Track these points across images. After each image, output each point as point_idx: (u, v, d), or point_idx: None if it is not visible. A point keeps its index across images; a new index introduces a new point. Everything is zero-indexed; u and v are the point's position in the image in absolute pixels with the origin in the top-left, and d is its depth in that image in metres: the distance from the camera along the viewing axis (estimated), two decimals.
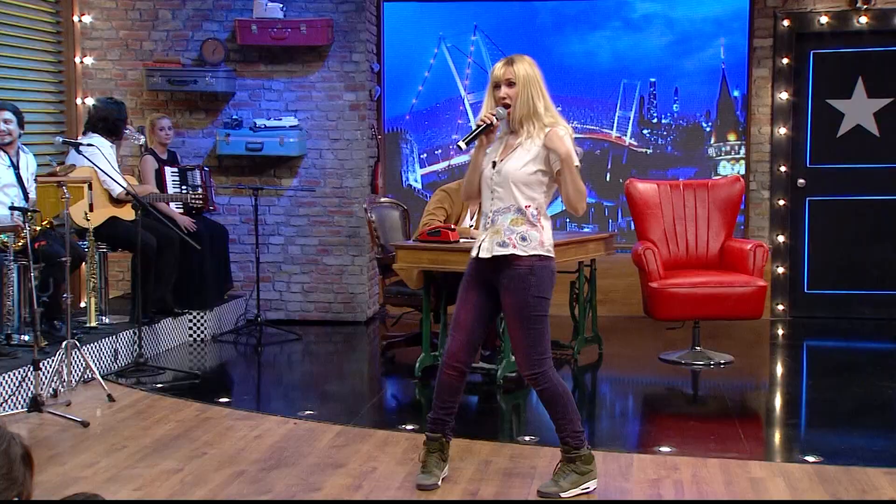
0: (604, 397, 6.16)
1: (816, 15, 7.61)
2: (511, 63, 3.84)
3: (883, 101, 7.68)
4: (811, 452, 4.49)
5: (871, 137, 7.73)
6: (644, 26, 7.98)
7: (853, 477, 4.11)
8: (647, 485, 4.11)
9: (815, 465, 4.31)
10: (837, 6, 7.59)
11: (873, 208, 7.80)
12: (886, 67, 7.66)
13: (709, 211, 6.83)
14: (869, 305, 7.83)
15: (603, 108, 8.07)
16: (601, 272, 7.07)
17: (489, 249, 3.88)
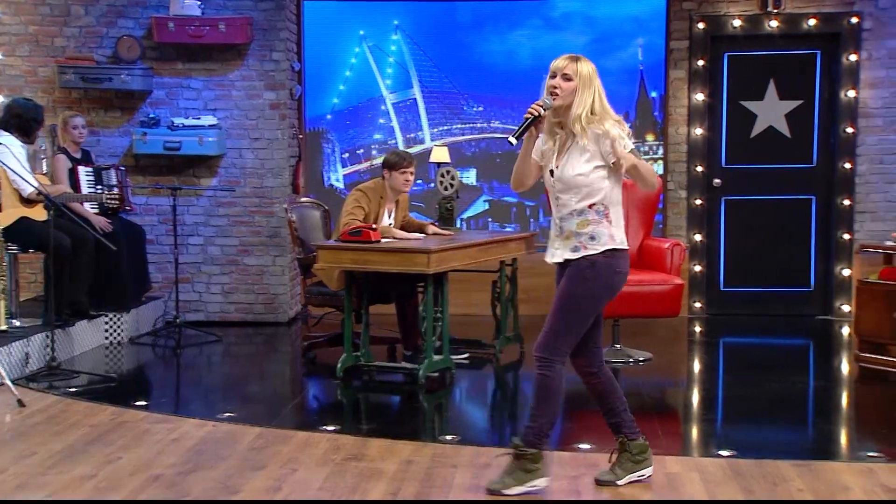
0: (525, 396, 6.17)
1: (730, 18, 7.77)
2: (576, 60, 3.91)
3: (793, 102, 7.88)
4: (726, 447, 4.58)
5: (782, 138, 7.93)
6: (564, 25, 8.05)
7: (765, 470, 4.20)
8: (567, 482, 4.14)
9: (728, 459, 4.40)
10: (749, 10, 7.76)
11: (785, 207, 7.99)
12: (796, 70, 7.86)
13: (627, 210, 6.88)
14: (782, 302, 8.02)
15: (523, 108, 8.00)
16: (523, 271, 7.11)
17: (562, 255, 3.96)
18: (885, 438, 4.85)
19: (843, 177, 7.77)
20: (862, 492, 3.95)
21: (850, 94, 7.67)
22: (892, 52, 7.62)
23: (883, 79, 7.65)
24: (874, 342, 6.32)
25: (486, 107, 8.13)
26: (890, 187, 7.74)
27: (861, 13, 7.61)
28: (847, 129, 7.72)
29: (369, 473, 4.18)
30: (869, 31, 7.62)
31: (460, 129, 8.19)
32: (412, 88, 8.17)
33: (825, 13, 7.66)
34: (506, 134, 8.08)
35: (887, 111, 7.65)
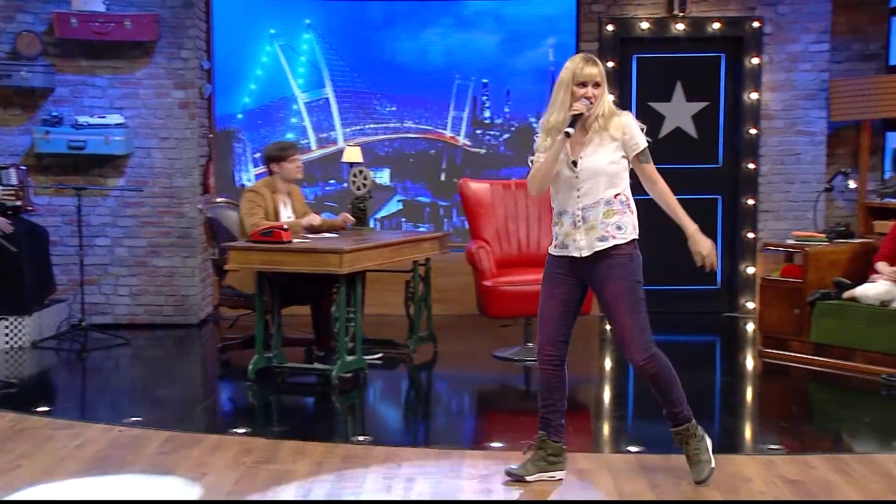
0: (438, 395, 6.21)
1: (638, 21, 7.91)
2: (595, 64, 3.97)
3: (700, 104, 8.05)
4: (634, 443, 4.66)
5: (689, 139, 8.10)
6: (476, 23, 8.08)
7: (671, 464, 4.28)
8: (479, 480, 4.16)
9: (637, 454, 4.48)
10: (657, 13, 7.91)
11: (693, 207, 8.07)
12: (702, 72, 8.04)
13: (540, 210, 6.99)
14: (690, 299, 8.19)
15: (437, 108, 8.13)
16: (436, 271, 7.12)
17: (589, 247, 3.97)
18: (785, 431, 5.00)
19: (747, 177, 7.98)
20: (762, 483, 4.06)
21: (753, 96, 7.87)
22: (791, 55, 7.84)
23: (783, 82, 7.87)
24: (777, 338, 6.51)
25: (399, 106, 8.13)
26: (791, 187, 7.97)
27: (762, 18, 7.81)
28: (750, 131, 7.92)
29: (280, 476, 4.14)
30: (769, 35, 7.84)
31: (373, 129, 8.17)
32: (324, 88, 8.12)
33: (728, 17, 7.85)
34: (419, 134, 8.14)
35: (787, 113, 7.88)
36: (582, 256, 3.99)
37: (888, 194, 7.32)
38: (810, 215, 7.66)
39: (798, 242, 6.73)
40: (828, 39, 7.80)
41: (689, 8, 7.83)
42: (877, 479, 4.09)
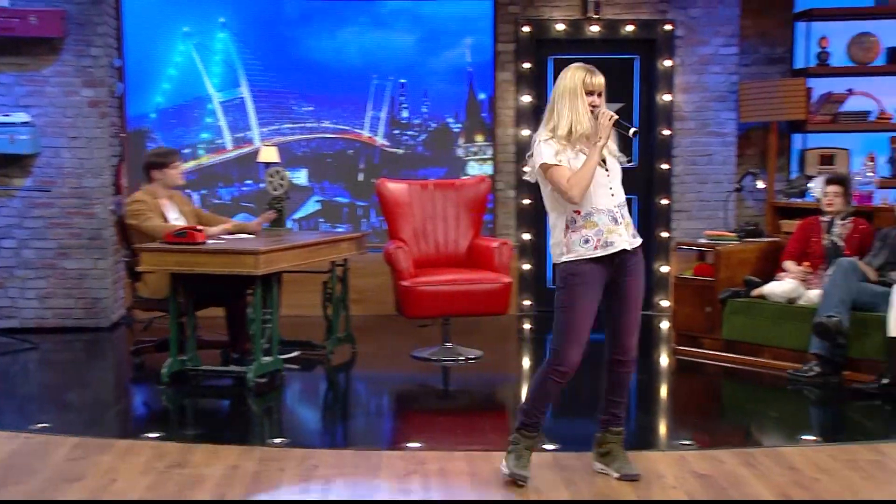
0: (357, 396, 6.18)
1: (553, 22, 7.98)
2: (600, 74, 4.15)
3: (615, 105, 8.14)
4: (551, 441, 4.70)
5: None
6: (392, 22, 8.06)
7: (586, 462, 4.33)
8: (396, 480, 4.15)
9: (553, 452, 4.52)
10: (571, 15, 8.00)
11: None
12: (617, 74, 8.14)
13: (458, 210, 7.01)
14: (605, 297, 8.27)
15: (354, 108, 8.09)
16: (355, 271, 7.09)
17: (630, 242, 4.05)
18: (697, 427, 5.09)
19: (661, 177, 8.11)
20: (674, 479, 4.13)
21: (666, 97, 8.02)
22: (702, 58, 8.00)
23: (694, 84, 8.03)
24: (690, 335, 6.64)
25: (316, 106, 8.07)
26: (703, 187, 8.13)
27: (674, 21, 7.96)
28: (664, 132, 8.06)
29: (193, 480, 4.07)
30: (681, 38, 7.99)
31: (290, 129, 8.09)
32: (240, 87, 8.01)
33: (641, 20, 7.98)
34: (336, 134, 8.10)
35: (698, 115, 8.03)
36: (632, 249, 4.05)
37: (794, 194, 7.52)
38: (722, 215, 7.82)
39: (709, 241, 6.87)
40: (737, 43, 7.98)
41: (604, 10, 7.93)
42: (782, 472, 4.19)
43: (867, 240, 6.21)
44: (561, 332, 4.02)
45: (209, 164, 8.04)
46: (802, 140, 8.03)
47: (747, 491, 3.98)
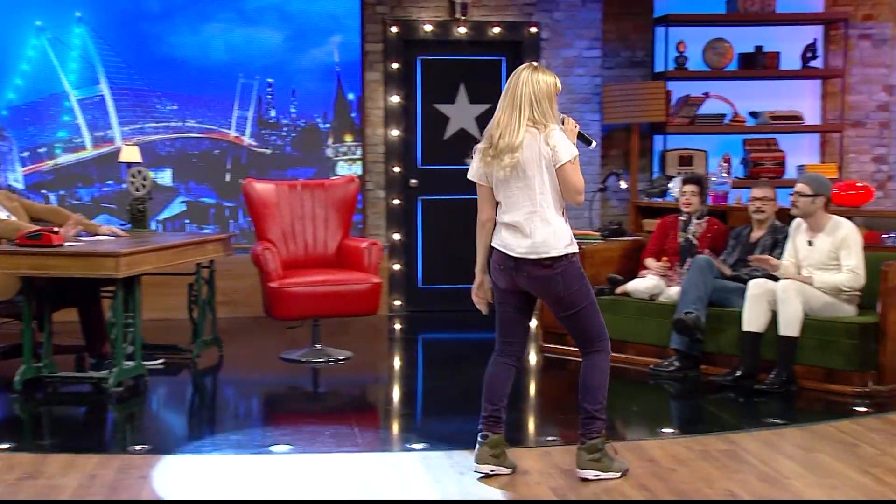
0: (223, 400, 6.06)
1: (421, 23, 8.02)
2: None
3: (483, 106, 8.24)
4: (419, 441, 4.72)
5: (474, 140, 8.19)
6: (259, 19, 7.93)
7: (453, 460, 4.36)
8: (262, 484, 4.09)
9: (421, 452, 4.53)
10: (439, 16, 8.05)
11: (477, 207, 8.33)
12: (484, 75, 8.24)
13: (326, 210, 6.96)
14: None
15: (220, 107, 7.94)
16: (222, 273, 6.96)
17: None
18: (562, 423, 5.19)
19: None
20: (538, 474, 4.20)
21: None
22: (567, 60, 8.18)
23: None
24: (557, 332, 6.75)
25: (180, 105, 7.88)
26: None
27: (539, 23, 8.10)
28: None
29: (47, 491, 3.92)
30: (546, 40, 8.14)
31: (154, 129, 7.88)
32: (99, 85, 7.76)
33: (508, 22, 8.09)
34: (202, 133, 7.93)
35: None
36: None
37: (655, 194, 7.75)
38: (587, 214, 8.00)
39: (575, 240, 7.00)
40: (599, 46, 8.19)
41: (471, 12, 8.01)
42: (641, 464, 4.31)
43: (720, 239, 6.45)
44: (598, 327, 4.20)
45: (67, 164, 7.76)
46: (663, 141, 8.29)
47: (608, 484, 4.07)
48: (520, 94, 4.07)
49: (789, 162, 8.31)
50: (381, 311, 7.06)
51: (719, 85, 8.32)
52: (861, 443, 4.60)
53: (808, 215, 5.77)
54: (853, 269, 5.63)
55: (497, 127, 4.08)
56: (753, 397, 5.53)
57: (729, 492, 3.96)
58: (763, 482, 4.07)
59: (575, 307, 4.09)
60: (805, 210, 5.76)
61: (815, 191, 5.73)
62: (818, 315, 5.64)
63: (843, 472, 4.20)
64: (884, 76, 8.58)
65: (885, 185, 8.64)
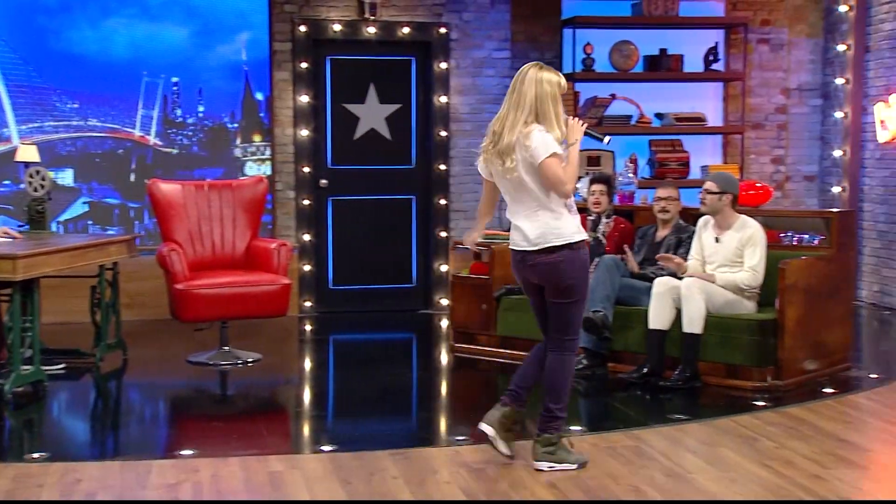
0: (128, 404, 5.93)
1: (330, 23, 7.97)
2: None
3: (393, 106, 8.24)
4: (329, 442, 4.69)
5: (384, 140, 8.26)
6: (163, 14, 7.76)
7: (363, 461, 4.34)
8: (165, 490, 4.02)
9: (330, 453, 4.50)
10: (348, 16, 8.01)
11: (389, 207, 8.34)
12: (394, 75, 8.24)
13: (234, 211, 6.86)
14: (387, 298, 8.36)
15: (124, 106, 7.76)
16: (127, 275, 6.82)
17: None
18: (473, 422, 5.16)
19: (438, 178, 8.26)
20: (448, 473, 4.21)
21: (443, 99, 8.17)
22: (476, 61, 8.22)
23: (470, 86, 8.23)
24: (467, 332, 6.79)
25: (81, 103, 7.68)
26: (479, 187, 8.24)
27: (448, 24, 8.12)
28: (441, 133, 8.21)
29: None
30: (456, 41, 8.17)
31: (53, 127, 7.66)
32: None
33: (417, 22, 8.09)
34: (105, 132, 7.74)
35: (474, 116, 8.23)
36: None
37: None
38: (497, 214, 8.03)
39: (485, 241, 7.03)
40: (508, 47, 8.25)
41: (380, 12, 7.99)
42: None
43: (627, 237, 6.56)
44: (579, 321, 4.27)
45: None
46: None
47: (517, 482, 4.10)
48: (524, 92, 4.18)
49: (693, 162, 8.49)
50: (290, 312, 7.02)
51: (626, 86, 8.46)
52: (760, 437, 4.73)
53: (716, 212, 5.91)
54: (753, 267, 5.79)
55: (500, 123, 4.23)
56: (659, 394, 5.63)
57: (634, 487, 4.03)
58: (667, 477, 4.15)
59: (571, 297, 4.19)
60: (712, 207, 5.90)
61: (722, 188, 5.87)
62: (720, 312, 5.77)
63: (743, 465, 4.31)
64: (781, 79, 8.84)
65: (783, 185, 8.91)
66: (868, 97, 8.46)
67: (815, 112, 8.95)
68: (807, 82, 8.92)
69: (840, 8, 8.60)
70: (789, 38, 8.84)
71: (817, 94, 8.92)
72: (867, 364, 6.37)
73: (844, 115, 8.61)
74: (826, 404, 5.33)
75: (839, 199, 8.67)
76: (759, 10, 8.74)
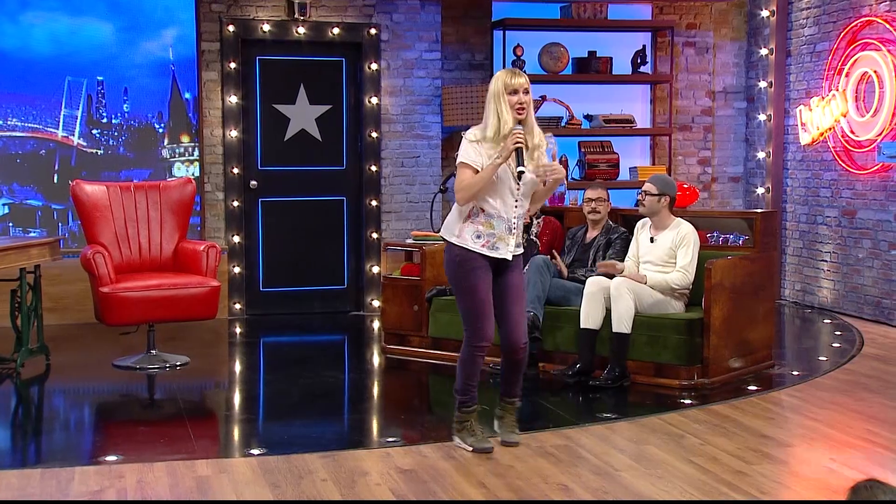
0: (52, 410, 5.80)
1: (259, 23, 7.89)
2: (522, 75, 4.33)
3: (323, 107, 8.19)
4: (258, 445, 4.65)
5: (314, 141, 8.21)
6: (86, 8, 7.61)
7: (292, 464, 4.31)
8: (88, 497, 3.93)
9: (259, 457, 4.46)
10: (277, 16, 7.94)
11: (319, 208, 8.29)
12: (325, 76, 8.19)
13: (161, 213, 6.76)
14: (318, 300, 8.31)
15: (47, 106, 7.60)
16: (51, 278, 6.70)
17: (510, 252, 4.40)
18: (404, 423, 5.21)
19: (370, 179, 8.23)
20: (378, 475, 4.19)
21: (374, 100, 8.15)
22: (407, 62, 8.21)
23: (401, 87, 8.22)
24: (399, 334, 6.78)
25: (1, 103, 7.49)
26: (411, 188, 8.34)
27: (379, 25, 8.11)
28: (372, 134, 8.19)
29: None
30: (386, 42, 8.15)
31: None
32: None
33: (347, 23, 8.06)
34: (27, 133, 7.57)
35: (406, 117, 8.23)
36: (510, 258, 4.41)
37: None
38: (428, 215, 8.05)
39: (416, 242, 7.04)
40: (439, 48, 8.26)
41: (310, 13, 7.94)
42: (480, 462, 4.37)
43: (558, 236, 6.61)
44: (470, 312, 4.41)
45: None
46: None
47: (447, 483, 4.11)
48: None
49: (623, 164, 8.59)
50: (220, 314, 6.94)
51: (556, 88, 8.53)
52: (686, 434, 4.80)
53: (654, 213, 6.00)
54: (684, 267, 5.88)
55: None
56: (588, 393, 5.69)
57: (563, 486, 4.06)
58: (596, 475, 4.19)
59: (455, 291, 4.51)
60: (651, 208, 5.98)
61: (661, 190, 5.97)
62: (649, 312, 5.85)
63: (669, 462, 4.37)
64: (707, 82, 9.00)
65: (710, 186, 9.07)
66: (790, 100, 8.65)
67: (740, 114, 9.13)
68: (731, 85, 9.10)
69: (762, 13, 8.79)
70: (715, 42, 9.00)
71: (742, 97, 9.11)
72: (790, 361, 6.51)
73: (768, 117, 8.80)
74: (750, 401, 5.44)
75: (763, 200, 8.85)
76: (684, 13, 8.89)
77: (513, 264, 4.47)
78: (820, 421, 5.06)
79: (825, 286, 8.26)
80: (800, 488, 4.10)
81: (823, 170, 8.25)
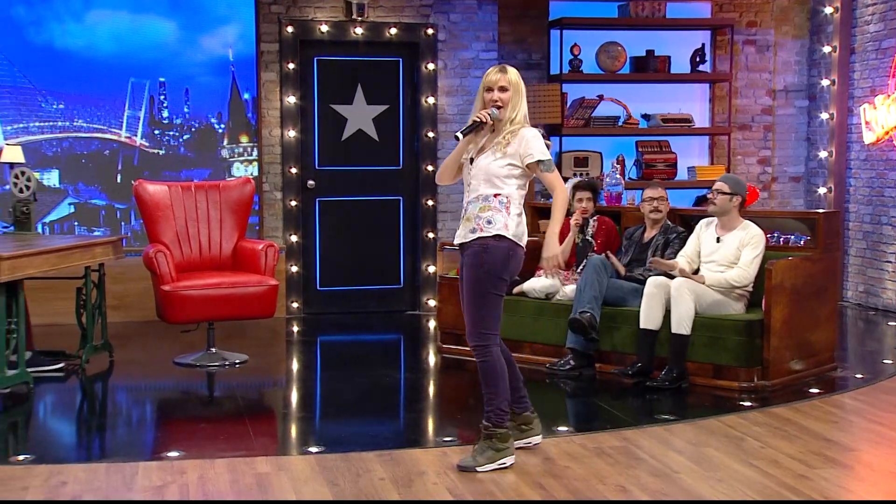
0: (114, 406, 5.90)
1: (318, 23, 7.96)
2: (504, 71, 4.32)
3: (380, 107, 8.23)
4: (316, 443, 4.68)
5: (371, 141, 8.25)
6: (148, 5, 7.73)
7: (350, 462, 4.34)
8: (152, 492, 4.01)
9: (317, 455, 4.49)
10: (336, 16, 8.00)
11: (376, 208, 8.33)
12: (381, 76, 8.23)
13: (221, 212, 6.85)
14: (374, 299, 8.35)
15: (111, 107, 7.73)
16: (114, 277, 6.81)
17: (462, 237, 4.29)
18: (460, 423, 5.21)
19: (426, 179, 8.25)
20: (434, 474, 4.21)
21: (430, 100, 8.16)
22: (464, 62, 8.22)
23: (457, 87, 8.23)
24: (455, 333, 6.78)
25: (67, 104, 7.65)
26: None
27: (436, 25, 8.12)
28: (429, 134, 8.21)
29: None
30: (443, 42, 8.17)
31: (39, 128, 7.63)
32: None
33: (405, 23, 8.09)
34: (91, 133, 7.72)
35: (462, 117, 8.22)
36: (458, 244, 4.33)
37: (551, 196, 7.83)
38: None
39: None
40: (496, 48, 8.25)
41: (368, 13, 7.98)
42: (537, 462, 4.36)
43: (612, 235, 6.57)
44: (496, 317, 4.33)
45: None
46: (559, 143, 8.40)
47: (505, 483, 4.11)
48: None
49: (681, 163, 8.51)
50: (278, 313, 7.01)
51: (613, 88, 8.47)
52: (746, 436, 4.74)
53: (724, 213, 5.94)
54: (745, 265, 5.81)
55: None
56: (646, 394, 5.64)
57: (621, 487, 4.04)
58: (654, 477, 4.16)
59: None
60: (722, 207, 5.93)
61: (733, 190, 5.92)
62: (708, 313, 5.78)
63: (729, 465, 4.32)
64: (767, 80, 8.87)
65: (769, 186, 8.94)
66: (854, 98, 8.50)
67: (802, 113, 8.98)
68: (793, 83, 8.96)
69: (826, 10, 8.64)
70: (775, 40, 8.87)
71: (803, 96, 8.96)
72: (853, 364, 6.40)
73: (830, 116, 8.65)
74: (812, 404, 5.35)
75: (825, 200, 8.71)
76: (745, 11, 8.78)
77: (466, 259, 4.29)
78: (885, 425, 4.96)
79: (889, 287, 8.10)
80: (864, 493, 4.03)
81: (889, 169, 8.09)
